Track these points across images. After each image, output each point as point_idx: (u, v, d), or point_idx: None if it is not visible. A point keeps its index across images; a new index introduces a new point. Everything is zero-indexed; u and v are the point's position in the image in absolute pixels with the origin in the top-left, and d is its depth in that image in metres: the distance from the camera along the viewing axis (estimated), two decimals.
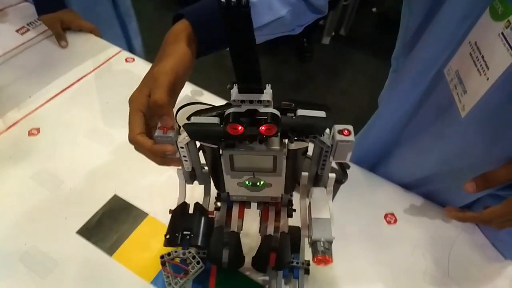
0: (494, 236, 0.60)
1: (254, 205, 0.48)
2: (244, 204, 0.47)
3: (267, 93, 0.33)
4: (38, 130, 0.69)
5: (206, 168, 0.46)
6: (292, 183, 0.43)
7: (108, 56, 0.85)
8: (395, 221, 0.61)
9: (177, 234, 0.44)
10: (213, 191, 0.48)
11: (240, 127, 0.33)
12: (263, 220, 0.47)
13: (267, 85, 0.33)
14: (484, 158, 0.52)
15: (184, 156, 0.41)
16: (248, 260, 0.48)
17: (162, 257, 0.43)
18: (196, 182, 0.48)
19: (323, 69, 2.14)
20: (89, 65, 0.82)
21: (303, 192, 0.46)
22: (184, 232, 0.44)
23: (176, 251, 0.44)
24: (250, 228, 0.50)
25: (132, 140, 0.43)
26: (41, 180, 0.62)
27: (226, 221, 0.47)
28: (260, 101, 0.33)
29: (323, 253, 0.40)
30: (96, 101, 0.76)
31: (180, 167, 0.44)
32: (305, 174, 0.45)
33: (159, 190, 0.62)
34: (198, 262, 0.43)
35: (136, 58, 0.84)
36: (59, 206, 0.59)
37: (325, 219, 0.42)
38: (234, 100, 0.33)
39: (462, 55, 0.47)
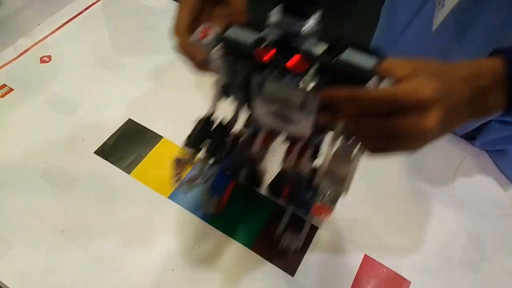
0: (501, 160, 0.62)
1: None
2: (272, 133, 0.45)
3: (311, 23, 0.29)
4: (49, 57, 0.70)
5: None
6: (322, 127, 0.39)
7: None
8: None
9: (197, 139, 0.42)
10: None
11: (267, 55, 0.30)
12: (287, 152, 0.45)
13: (316, 12, 0.29)
14: None
15: (218, 68, 0.38)
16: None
17: (177, 159, 0.42)
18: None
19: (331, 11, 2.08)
20: None
21: (335, 138, 0.40)
22: (205, 141, 0.43)
23: (192, 155, 0.43)
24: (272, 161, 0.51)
25: (173, 31, 0.38)
26: (56, 105, 0.64)
27: (250, 142, 0.46)
28: (300, 30, 0.29)
29: (325, 202, 0.38)
30: (104, 29, 0.75)
31: (214, 83, 0.42)
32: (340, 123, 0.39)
33: (172, 113, 0.64)
34: (209, 169, 0.43)
35: None
36: (75, 129, 0.61)
37: (341, 176, 0.38)
38: (271, 23, 0.30)
39: None
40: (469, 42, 0.52)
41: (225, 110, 0.45)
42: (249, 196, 0.56)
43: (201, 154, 0.44)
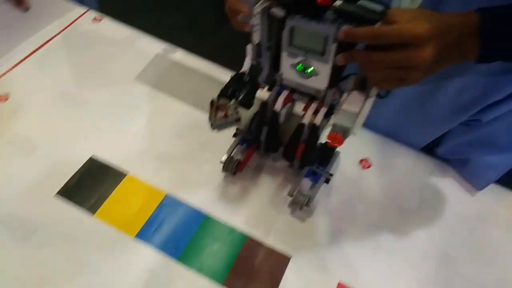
0: (465, 169, 0.63)
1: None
2: (293, 92, 0.51)
3: None
4: (7, 96, 0.68)
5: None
6: (337, 76, 0.46)
7: (74, 17, 0.81)
8: (369, 165, 0.63)
9: (229, 89, 0.49)
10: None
11: None
12: (303, 111, 0.51)
13: None
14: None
15: (256, 25, 0.46)
16: None
17: (212, 100, 0.49)
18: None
19: None
20: (55, 27, 0.79)
21: (350, 86, 0.48)
22: (235, 92, 0.49)
23: (224, 100, 0.49)
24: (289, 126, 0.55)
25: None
26: (16, 145, 0.62)
27: (273, 101, 0.52)
28: None
29: (337, 132, 0.44)
30: (65, 63, 0.73)
31: (250, 44, 0.49)
32: (352, 77, 0.47)
33: (137, 148, 0.62)
34: (237, 113, 0.49)
35: (104, 17, 0.81)
36: (35, 170, 0.59)
37: (352, 112, 0.45)
38: None
39: None
40: None
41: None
42: (220, 230, 0.56)
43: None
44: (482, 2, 0.43)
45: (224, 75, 0.72)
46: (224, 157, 0.58)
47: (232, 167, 0.58)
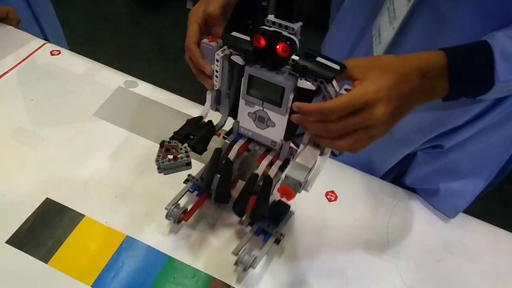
0: (433, 198, 0.63)
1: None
2: (248, 142, 0.52)
3: (296, 25, 0.39)
4: None
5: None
6: (292, 129, 0.46)
7: (32, 50, 0.78)
8: (336, 198, 0.62)
9: (183, 132, 0.47)
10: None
11: (262, 40, 0.40)
12: (257, 161, 0.50)
13: (299, 22, 0.39)
14: None
15: (217, 71, 0.47)
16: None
17: (163, 141, 0.46)
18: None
19: None
20: (10, 60, 0.76)
21: (304, 143, 0.47)
22: (190, 135, 0.48)
23: (175, 142, 0.46)
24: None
25: (187, 46, 0.48)
26: None
27: (227, 149, 0.51)
28: (287, 27, 0.39)
29: (289, 185, 0.42)
30: (20, 98, 0.70)
31: (210, 90, 0.50)
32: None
33: (94, 188, 0.60)
34: (187, 157, 0.46)
35: (62, 50, 0.79)
36: None
37: (305, 166, 0.43)
38: (267, 20, 0.39)
39: (383, 11, 0.51)
40: None
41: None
42: (183, 272, 0.53)
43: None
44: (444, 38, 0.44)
45: (190, 109, 0.71)
46: (168, 204, 0.54)
47: (177, 216, 0.54)
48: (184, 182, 0.57)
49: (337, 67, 0.39)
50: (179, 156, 0.45)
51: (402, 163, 0.67)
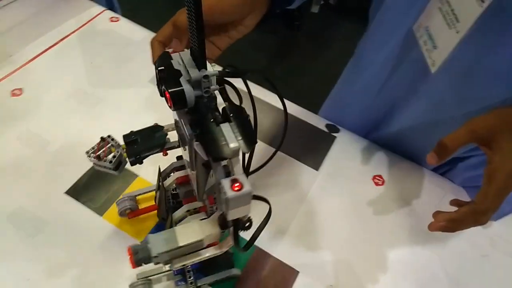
0: None
1: None
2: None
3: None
4: (20, 90, 0.67)
5: None
6: (200, 190, 0.42)
7: (92, 16, 0.81)
8: (383, 182, 0.62)
9: (134, 136, 0.43)
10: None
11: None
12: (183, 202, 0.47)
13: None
14: (454, 116, 0.53)
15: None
16: None
17: (108, 136, 0.45)
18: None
19: (311, 38, 2.12)
20: (72, 24, 0.79)
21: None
22: (136, 143, 0.43)
23: (115, 142, 0.44)
24: None
25: (151, 42, 0.46)
26: (27, 141, 0.61)
27: (168, 172, 0.48)
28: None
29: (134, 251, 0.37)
30: (80, 61, 0.73)
31: None
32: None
33: None
34: (110, 162, 0.43)
35: (120, 17, 0.81)
36: (46, 167, 0.58)
37: (175, 240, 0.37)
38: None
39: (431, 11, 0.47)
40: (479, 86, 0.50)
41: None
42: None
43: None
44: None
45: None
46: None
47: (123, 210, 0.53)
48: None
49: (234, 145, 0.30)
50: (107, 157, 0.42)
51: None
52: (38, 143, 0.61)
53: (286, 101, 0.39)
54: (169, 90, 0.30)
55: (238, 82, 0.35)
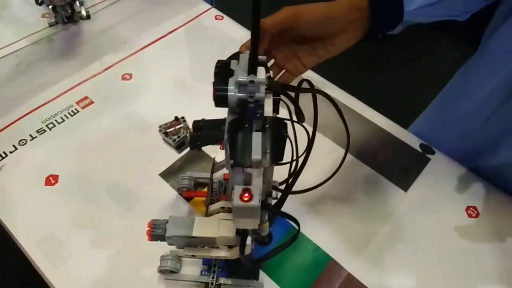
0: None
1: None
2: None
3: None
4: (130, 75, 0.73)
5: None
6: (229, 190, 0.43)
7: (199, 12, 0.86)
8: (477, 215, 0.58)
9: (203, 124, 0.45)
10: None
11: None
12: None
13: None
14: None
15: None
16: None
17: (181, 117, 0.48)
18: None
19: (403, 49, 2.03)
20: (181, 19, 0.84)
21: None
22: (201, 130, 0.45)
23: (185, 123, 0.48)
24: None
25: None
26: (131, 122, 0.66)
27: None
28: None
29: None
30: (185, 54, 0.78)
31: None
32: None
33: None
34: (174, 141, 0.47)
35: (225, 16, 0.85)
36: (145, 148, 0.63)
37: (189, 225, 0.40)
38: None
39: None
40: None
41: None
42: (305, 245, 0.55)
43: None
44: None
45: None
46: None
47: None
48: None
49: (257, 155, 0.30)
50: (171, 136, 0.47)
51: None
52: (141, 126, 0.66)
53: (373, 112, 0.39)
54: (214, 87, 0.32)
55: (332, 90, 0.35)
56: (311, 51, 0.45)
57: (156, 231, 0.40)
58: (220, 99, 0.32)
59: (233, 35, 0.81)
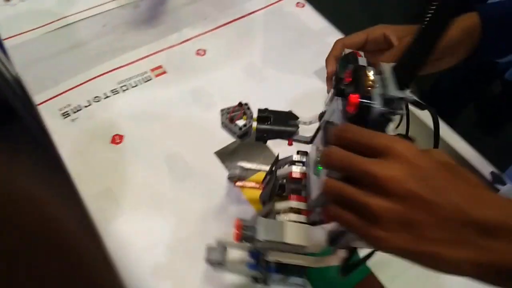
0: None
1: None
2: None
3: None
4: (204, 51, 0.75)
5: None
6: (315, 198, 0.41)
7: None
8: None
9: (271, 115, 0.45)
10: None
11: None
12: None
13: None
14: None
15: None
16: None
17: (240, 102, 0.46)
18: None
19: None
20: (262, 1, 0.84)
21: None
22: (269, 120, 0.45)
23: (250, 112, 0.45)
24: None
25: (336, 42, 0.51)
26: (197, 97, 0.68)
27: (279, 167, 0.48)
28: None
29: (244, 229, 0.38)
30: (259, 38, 0.78)
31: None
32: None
33: None
34: (240, 128, 0.44)
35: (306, 4, 0.83)
36: (206, 125, 0.64)
37: (280, 232, 0.38)
38: None
39: None
40: None
41: None
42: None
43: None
44: None
45: None
46: None
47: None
48: None
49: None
50: (238, 121, 0.44)
51: None
52: (206, 102, 0.68)
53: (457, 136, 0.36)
54: (360, 100, 0.29)
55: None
56: None
57: (247, 233, 0.38)
58: (362, 111, 0.30)
59: (312, 25, 0.80)
